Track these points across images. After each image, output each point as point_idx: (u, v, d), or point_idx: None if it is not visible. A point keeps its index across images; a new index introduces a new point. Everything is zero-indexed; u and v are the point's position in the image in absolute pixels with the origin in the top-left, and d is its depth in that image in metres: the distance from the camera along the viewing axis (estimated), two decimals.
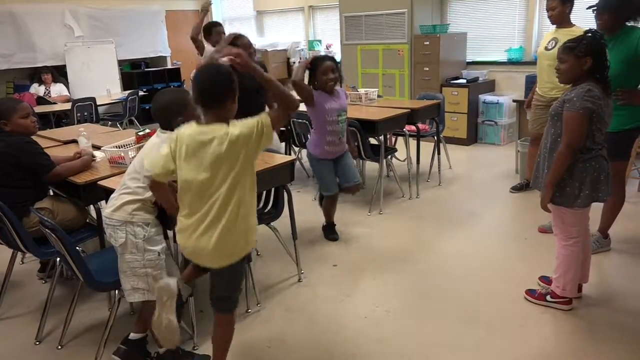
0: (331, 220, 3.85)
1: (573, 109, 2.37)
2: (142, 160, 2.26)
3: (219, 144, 1.86)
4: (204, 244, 1.93)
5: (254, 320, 2.81)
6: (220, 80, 1.92)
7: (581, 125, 2.37)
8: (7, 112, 2.81)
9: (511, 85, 6.40)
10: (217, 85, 1.92)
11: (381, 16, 6.63)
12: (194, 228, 1.94)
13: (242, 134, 1.87)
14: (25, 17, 7.77)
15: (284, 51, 8.91)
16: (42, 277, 3.40)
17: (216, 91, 1.91)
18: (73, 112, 6.52)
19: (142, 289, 2.26)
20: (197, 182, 1.91)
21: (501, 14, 6.43)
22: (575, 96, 2.38)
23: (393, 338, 2.58)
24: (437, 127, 4.88)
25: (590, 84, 2.39)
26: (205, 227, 1.92)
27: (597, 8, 3.00)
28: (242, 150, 1.88)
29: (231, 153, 1.86)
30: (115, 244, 2.23)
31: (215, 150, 1.86)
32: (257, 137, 1.89)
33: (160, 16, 9.36)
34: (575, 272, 2.65)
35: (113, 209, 2.22)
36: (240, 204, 1.93)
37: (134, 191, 2.23)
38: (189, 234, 1.97)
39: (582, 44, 2.39)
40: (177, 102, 2.28)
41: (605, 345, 2.44)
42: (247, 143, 1.88)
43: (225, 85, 1.93)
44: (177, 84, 9.39)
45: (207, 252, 1.94)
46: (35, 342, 2.71)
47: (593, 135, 2.42)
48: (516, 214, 4.25)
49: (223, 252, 1.96)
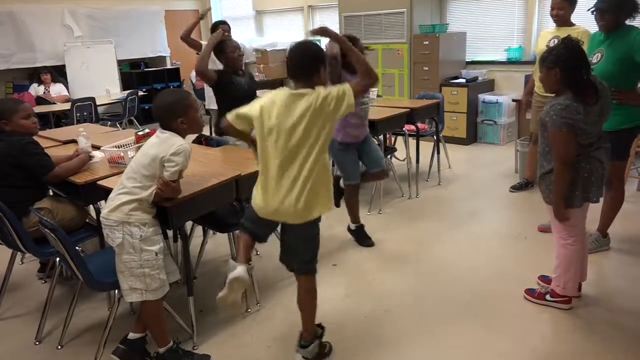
0: (358, 220, 3.71)
1: (554, 127, 2.38)
2: (140, 159, 2.26)
3: (310, 99, 2.06)
4: (286, 201, 2.09)
5: (254, 320, 2.81)
6: (308, 56, 2.16)
7: (567, 142, 2.38)
8: (8, 112, 2.81)
9: (510, 84, 6.40)
10: (305, 59, 2.15)
11: (380, 16, 6.63)
12: (277, 185, 2.10)
13: (328, 95, 2.07)
14: (24, 17, 7.77)
15: (283, 51, 8.90)
16: (42, 277, 3.40)
17: (304, 65, 2.14)
18: (72, 112, 6.52)
19: (139, 289, 2.25)
20: (282, 138, 2.08)
21: (500, 13, 6.43)
22: (554, 113, 2.37)
23: (392, 338, 2.59)
24: (436, 126, 4.88)
25: (567, 97, 2.38)
26: (289, 184, 2.08)
27: (598, 9, 3.00)
28: (325, 110, 2.06)
29: (317, 108, 2.05)
30: (113, 244, 2.23)
31: (305, 105, 2.06)
32: (337, 101, 2.07)
33: (159, 16, 9.36)
34: (575, 271, 2.66)
35: (110, 210, 2.22)
36: (321, 164, 2.10)
37: (130, 191, 2.22)
38: (271, 191, 2.12)
39: (551, 55, 2.40)
40: (179, 103, 2.30)
41: (604, 344, 2.44)
42: (330, 103, 2.07)
43: (312, 60, 2.15)
44: (177, 84, 9.39)
45: (292, 209, 2.09)
46: (35, 342, 2.71)
47: (578, 145, 2.42)
48: (516, 213, 4.25)
49: (303, 208, 2.10)
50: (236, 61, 3.66)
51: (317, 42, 2.29)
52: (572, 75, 2.38)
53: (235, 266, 2.11)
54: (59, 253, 2.42)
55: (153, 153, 2.23)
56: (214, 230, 3.28)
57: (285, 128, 2.07)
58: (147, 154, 2.25)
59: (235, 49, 3.64)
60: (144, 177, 2.23)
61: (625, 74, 2.94)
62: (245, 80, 3.72)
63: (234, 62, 3.65)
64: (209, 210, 2.68)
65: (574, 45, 2.41)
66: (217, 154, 3.23)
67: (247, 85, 3.72)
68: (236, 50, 3.64)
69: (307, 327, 2.35)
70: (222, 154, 3.24)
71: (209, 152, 3.24)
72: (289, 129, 2.07)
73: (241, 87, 3.65)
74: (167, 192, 2.25)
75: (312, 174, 2.08)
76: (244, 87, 3.67)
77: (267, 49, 8.70)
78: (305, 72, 2.13)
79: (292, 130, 2.06)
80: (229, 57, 3.63)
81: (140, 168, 2.24)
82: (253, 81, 3.88)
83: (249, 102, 3.94)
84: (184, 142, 2.26)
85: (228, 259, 2.32)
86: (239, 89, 3.63)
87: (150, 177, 2.23)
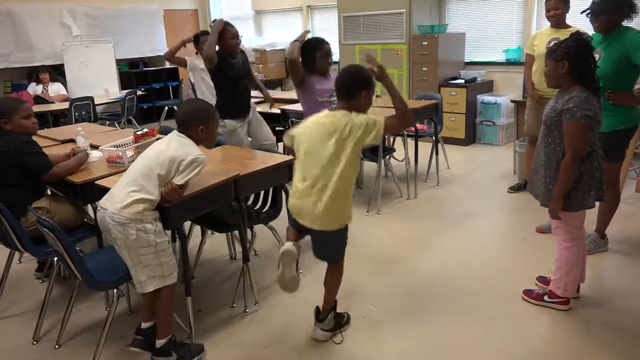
0: None
1: (574, 119, 2.35)
2: (156, 158, 2.27)
3: (342, 122, 2.25)
4: (312, 207, 2.29)
5: (252, 320, 2.81)
6: (352, 79, 2.34)
7: (585, 135, 2.38)
8: (9, 111, 2.82)
9: (509, 85, 6.40)
10: (351, 81, 2.33)
11: (379, 16, 6.63)
12: (306, 193, 2.30)
13: (358, 122, 2.24)
14: (22, 16, 7.75)
15: (282, 51, 8.91)
16: (40, 276, 3.39)
17: (346, 87, 2.33)
18: (71, 112, 6.51)
19: (157, 276, 2.29)
20: (314, 151, 2.28)
21: (499, 14, 6.44)
22: (575, 106, 2.35)
23: (391, 338, 2.59)
24: (435, 127, 4.88)
25: (583, 91, 2.38)
26: (317, 194, 2.28)
27: (593, 11, 3.02)
28: (352, 136, 2.24)
29: (345, 132, 2.23)
30: (125, 239, 2.21)
31: (336, 126, 2.25)
32: (364, 132, 2.24)
33: (158, 15, 9.35)
34: (577, 273, 2.66)
35: (122, 206, 2.19)
36: (344, 181, 2.28)
37: (144, 188, 2.23)
38: (300, 197, 2.33)
39: (560, 48, 2.41)
40: (205, 112, 2.43)
41: (602, 345, 2.45)
42: (357, 132, 2.24)
43: (358, 82, 2.32)
44: (175, 83, 9.39)
45: (313, 215, 2.30)
46: (32, 342, 2.70)
47: (593, 138, 2.43)
48: (514, 214, 4.25)
49: (327, 218, 2.30)
50: (234, 48, 3.94)
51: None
52: (581, 69, 2.39)
53: (284, 243, 2.37)
54: (57, 252, 2.41)
55: (171, 154, 2.27)
56: (213, 230, 3.28)
57: (315, 146, 2.29)
58: (164, 153, 2.27)
59: (234, 35, 3.90)
60: (159, 177, 2.25)
61: (622, 75, 2.95)
62: (239, 61, 4.03)
63: (232, 48, 3.92)
64: (208, 210, 2.68)
65: (584, 40, 2.43)
66: (216, 153, 3.23)
67: (241, 62, 4.05)
68: (235, 37, 3.90)
69: (326, 303, 2.55)
70: (221, 154, 3.23)
71: (208, 152, 3.22)
72: (318, 148, 2.28)
73: (237, 67, 3.97)
74: (171, 197, 2.28)
75: (337, 190, 2.26)
76: (239, 65, 4.01)
77: (266, 49, 8.70)
78: (346, 93, 2.33)
79: (320, 149, 2.27)
80: (228, 43, 3.90)
81: (156, 166, 2.25)
82: (246, 59, 4.19)
83: (243, 81, 4.10)
84: (202, 153, 2.34)
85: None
86: (234, 69, 3.94)
87: (165, 178, 2.26)
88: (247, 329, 2.73)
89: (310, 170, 2.30)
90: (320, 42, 3.81)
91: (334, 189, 2.25)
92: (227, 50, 3.92)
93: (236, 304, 2.95)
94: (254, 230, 3.12)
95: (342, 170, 2.25)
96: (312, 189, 2.28)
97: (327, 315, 2.55)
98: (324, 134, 2.27)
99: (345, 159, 2.25)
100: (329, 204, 2.26)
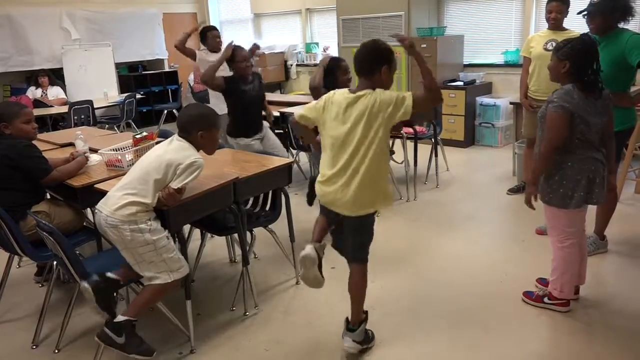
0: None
1: (552, 109, 2.42)
2: (153, 162, 2.28)
3: (366, 102, 2.15)
4: (342, 194, 2.21)
5: (252, 323, 2.81)
6: (373, 53, 2.21)
7: (559, 124, 2.41)
8: (10, 115, 2.84)
9: (508, 87, 6.41)
10: (371, 56, 2.21)
11: (378, 19, 6.64)
12: (335, 179, 2.23)
13: (386, 98, 2.15)
14: (22, 20, 7.76)
15: (282, 54, 8.92)
16: (39, 280, 3.39)
17: (368, 62, 2.20)
18: (70, 115, 6.50)
19: (165, 271, 2.30)
20: (342, 136, 2.20)
21: (498, 16, 6.45)
22: (556, 97, 2.44)
23: (391, 340, 2.58)
24: (434, 129, 4.88)
25: (572, 86, 2.43)
26: (346, 179, 2.20)
27: (588, 12, 3.04)
28: (381, 114, 2.15)
29: (373, 112, 2.15)
30: (122, 240, 2.23)
31: (362, 107, 2.16)
32: (394, 108, 2.15)
33: (157, 19, 9.35)
34: (572, 274, 2.66)
35: (115, 208, 2.22)
36: (376, 164, 2.20)
37: (139, 193, 2.23)
38: (330, 183, 2.25)
39: (565, 47, 2.45)
40: (207, 117, 2.43)
41: (602, 347, 2.44)
42: (387, 109, 2.14)
43: (378, 57, 2.20)
44: (175, 86, 9.39)
45: (344, 201, 2.23)
46: (32, 346, 2.70)
47: (581, 136, 2.44)
48: (513, 216, 4.25)
49: (358, 202, 2.23)
50: (245, 71, 3.90)
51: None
52: (579, 71, 2.42)
53: (305, 246, 2.29)
54: (57, 256, 2.41)
55: (169, 158, 2.27)
56: (212, 234, 3.27)
57: (342, 131, 2.20)
58: (162, 157, 2.27)
59: (244, 59, 3.88)
60: (156, 181, 2.25)
61: (618, 76, 2.96)
62: (254, 86, 3.98)
63: (242, 71, 3.89)
64: (207, 213, 2.68)
65: (591, 42, 2.46)
66: (215, 157, 3.22)
67: (255, 90, 3.99)
68: (245, 60, 3.88)
69: (355, 312, 2.44)
70: (220, 157, 3.23)
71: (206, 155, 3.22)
72: (346, 132, 2.19)
73: (249, 93, 3.92)
74: (169, 201, 2.29)
75: (367, 173, 2.19)
76: (251, 93, 3.95)
77: (265, 52, 8.70)
78: (367, 69, 2.21)
79: (348, 133, 2.19)
80: (238, 66, 3.88)
81: (152, 171, 2.25)
82: (261, 83, 4.12)
83: (257, 106, 4.20)
84: (200, 157, 2.33)
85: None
86: (246, 95, 3.91)
87: (162, 182, 2.26)
88: (247, 332, 2.73)
89: (339, 156, 2.22)
90: (338, 60, 3.88)
91: (365, 172, 2.18)
92: (239, 74, 3.89)
93: (236, 307, 2.95)
94: (253, 233, 3.12)
95: (374, 152, 2.18)
96: (342, 175, 2.21)
97: (358, 325, 2.43)
98: (349, 116, 2.18)
99: (376, 140, 2.17)
100: (361, 189, 2.19)
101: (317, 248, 2.29)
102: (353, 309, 2.44)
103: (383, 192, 2.31)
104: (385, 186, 2.32)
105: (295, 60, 8.89)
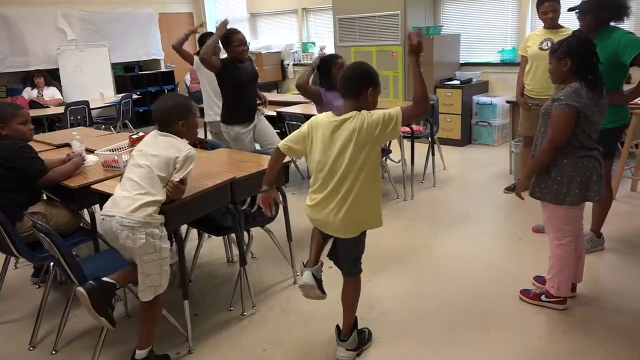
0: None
1: (559, 107, 2.41)
2: (153, 161, 2.27)
3: (353, 125, 2.11)
4: (334, 219, 2.19)
5: (250, 323, 2.81)
6: (359, 76, 2.20)
7: (565, 123, 2.41)
8: (6, 116, 2.83)
9: (504, 86, 6.42)
10: (357, 78, 2.19)
11: (374, 18, 6.64)
12: (325, 203, 2.21)
13: (374, 120, 2.11)
14: (17, 21, 7.73)
15: (278, 53, 8.92)
16: (36, 282, 3.38)
17: (356, 83, 2.17)
18: (66, 116, 6.48)
19: (154, 286, 2.29)
20: (329, 161, 2.16)
21: (494, 15, 6.46)
22: (563, 95, 2.42)
23: (389, 339, 2.59)
24: (431, 128, 4.89)
25: (579, 83, 2.42)
26: (337, 204, 2.18)
27: (579, 10, 3.05)
28: (370, 137, 2.12)
29: (361, 135, 2.10)
30: (133, 245, 2.17)
31: (348, 131, 2.11)
32: (382, 128, 2.11)
33: (153, 19, 9.34)
34: (569, 272, 2.67)
35: (132, 210, 2.18)
36: (366, 188, 2.17)
37: (149, 191, 2.23)
38: (320, 208, 2.23)
39: (562, 46, 2.45)
40: (182, 106, 2.40)
41: (599, 344, 2.45)
42: (374, 131, 2.11)
43: (364, 79, 2.18)
44: (171, 86, 9.37)
45: (335, 226, 2.22)
46: (29, 348, 2.69)
47: (583, 134, 2.44)
48: (510, 214, 4.26)
49: (349, 227, 2.22)
50: (241, 54, 3.92)
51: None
52: (583, 66, 2.42)
53: (303, 272, 2.28)
54: (54, 257, 2.40)
55: (165, 156, 2.28)
56: (209, 234, 3.27)
57: (330, 156, 2.16)
58: (159, 155, 2.28)
59: (241, 43, 3.89)
60: (160, 178, 2.26)
61: (611, 74, 2.97)
62: (248, 64, 4.04)
63: (239, 55, 3.92)
64: (204, 213, 2.68)
65: (586, 38, 2.46)
66: (212, 156, 3.23)
67: (249, 68, 4.04)
68: (242, 44, 3.89)
69: (346, 323, 2.43)
70: (217, 157, 3.23)
71: (204, 155, 3.23)
72: (334, 157, 2.15)
73: (244, 72, 3.96)
74: (175, 194, 2.31)
75: (357, 198, 2.16)
76: (247, 70, 3.99)
77: (261, 52, 8.70)
78: (353, 91, 2.18)
79: (336, 159, 2.15)
80: (235, 50, 3.90)
81: (154, 169, 2.25)
82: (253, 65, 4.20)
83: (252, 87, 4.10)
84: (191, 147, 2.35)
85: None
86: (242, 73, 3.94)
87: (165, 179, 2.28)
88: (245, 332, 2.73)
89: (327, 181, 2.18)
90: (333, 57, 3.85)
91: (355, 197, 2.15)
92: (235, 57, 3.92)
93: (233, 307, 2.94)
94: (250, 233, 3.12)
95: (364, 177, 2.15)
96: (332, 200, 2.18)
97: (349, 334, 2.43)
98: (336, 140, 2.14)
99: (367, 165, 2.14)
100: (352, 214, 2.17)
101: (314, 272, 2.27)
102: (345, 319, 2.43)
103: (375, 213, 2.29)
104: (377, 208, 2.29)
105: (292, 59, 8.89)
